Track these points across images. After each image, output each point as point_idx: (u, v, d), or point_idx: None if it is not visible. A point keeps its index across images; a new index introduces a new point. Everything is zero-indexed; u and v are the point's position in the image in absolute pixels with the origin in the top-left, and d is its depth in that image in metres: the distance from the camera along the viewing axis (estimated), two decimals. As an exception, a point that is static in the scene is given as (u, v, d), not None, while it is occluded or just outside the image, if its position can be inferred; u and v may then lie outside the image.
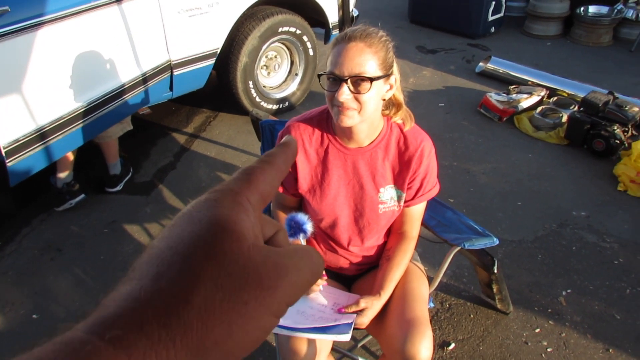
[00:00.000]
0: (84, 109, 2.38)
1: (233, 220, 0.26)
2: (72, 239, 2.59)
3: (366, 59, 1.18)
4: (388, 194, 1.38)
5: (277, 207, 1.53)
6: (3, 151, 2.07)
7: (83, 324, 0.24)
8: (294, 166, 1.38)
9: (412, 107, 4.16)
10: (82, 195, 2.77)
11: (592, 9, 4.97)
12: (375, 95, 1.22)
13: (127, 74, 2.58)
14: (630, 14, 4.95)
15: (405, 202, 1.40)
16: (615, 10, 4.88)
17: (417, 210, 1.44)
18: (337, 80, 1.20)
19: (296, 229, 1.27)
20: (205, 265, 0.24)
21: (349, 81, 1.18)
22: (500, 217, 2.67)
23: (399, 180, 1.37)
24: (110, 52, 2.47)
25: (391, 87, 1.29)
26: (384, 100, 1.31)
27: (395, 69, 1.29)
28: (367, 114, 1.23)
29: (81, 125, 2.39)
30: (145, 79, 2.69)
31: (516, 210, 2.72)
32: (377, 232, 1.44)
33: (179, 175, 3.07)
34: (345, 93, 1.18)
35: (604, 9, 4.94)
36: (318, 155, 1.38)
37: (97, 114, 2.46)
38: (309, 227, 1.24)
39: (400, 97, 1.36)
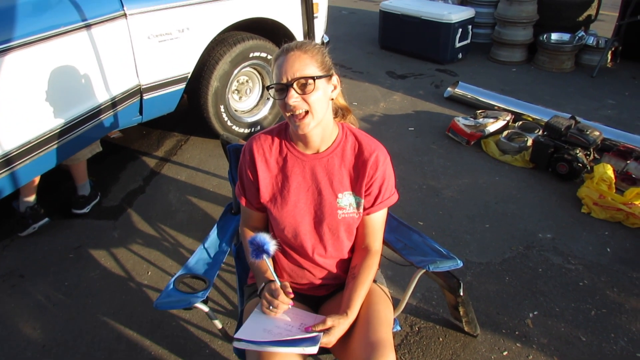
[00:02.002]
0: (51, 134, 2.33)
1: None
2: (35, 264, 2.51)
3: (305, 63, 1.28)
4: (347, 200, 1.43)
5: (244, 226, 1.56)
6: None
7: None
8: (256, 176, 1.44)
9: (383, 131, 4.19)
10: (46, 219, 2.71)
11: (554, 36, 5.16)
12: (322, 95, 1.31)
13: (95, 98, 2.56)
14: (591, 41, 5.16)
15: (365, 209, 1.44)
16: (577, 38, 5.08)
17: (378, 220, 1.48)
18: (284, 88, 1.29)
19: (258, 250, 1.29)
20: None
21: (294, 85, 1.27)
22: (469, 240, 2.71)
23: (356, 186, 1.43)
24: (79, 77, 2.45)
25: (335, 87, 1.39)
26: (332, 100, 1.40)
27: (334, 71, 1.39)
28: (319, 115, 1.31)
29: (49, 149, 2.35)
30: (114, 103, 2.67)
31: (484, 233, 2.76)
32: (339, 240, 1.47)
33: (148, 200, 3.03)
34: (293, 96, 1.27)
35: (566, 36, 5.14)
36: (278, 163, 1.45)
37: (66, 138, 2.42)
38: (271, 247, 1.30)
39: (344, 102, 1.50)
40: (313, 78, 1.28)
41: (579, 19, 5.30)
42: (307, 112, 1.29)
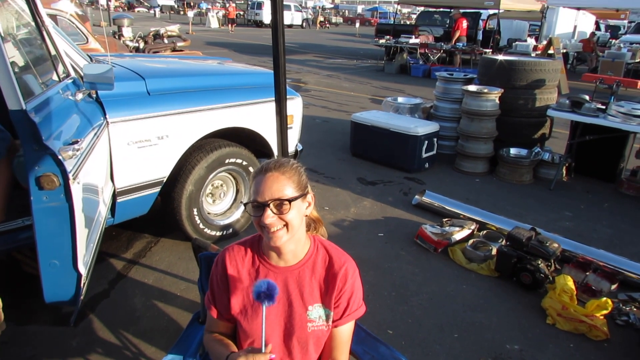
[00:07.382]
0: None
1: None
2: (-17, 375, 2.37)
3: (283, 184, 1.35)
4: (316, 312, 1.44)
5: (208, 331, 1.55)
6: None
7: None
8: (227, 288, 1.46)
9: (353, 236, 4.23)
10: None
11: (513, 151, 5.53)
12: (296, 214, 1.37)
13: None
14: (546, 156, 5.54)
15: (334, 321, 1.46)
16: (533, 153, 5.44)
17: (345, 333, 1.50)
18: (260, 206, 1.34)
19: (266, 295, 1.28)
20: None
21: (271, 205, 1.33)
22: (438, 350, 2.69)
23: (326, 298, 1.45)
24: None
25: (309, 204, 1.45)
26: (307, 216, 1.46)
27: (309, 188, 1.46)
28: (293, 230, 1.37)
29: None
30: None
31: (453, 343, 2.75)
32: (307, 354, 1.46)
33: (111, 304, 2.94)
34: (269, 216, 1.33)
35: (524, 151, 5.51)
36: (250, 275, 1.47)
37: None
38: (276, 294, 1.29)
39: (316, 214, 1.57)
40: (289, 200, 1.34)
41: (535, 136, 5.72)
42: (282, 227, 1.35)
